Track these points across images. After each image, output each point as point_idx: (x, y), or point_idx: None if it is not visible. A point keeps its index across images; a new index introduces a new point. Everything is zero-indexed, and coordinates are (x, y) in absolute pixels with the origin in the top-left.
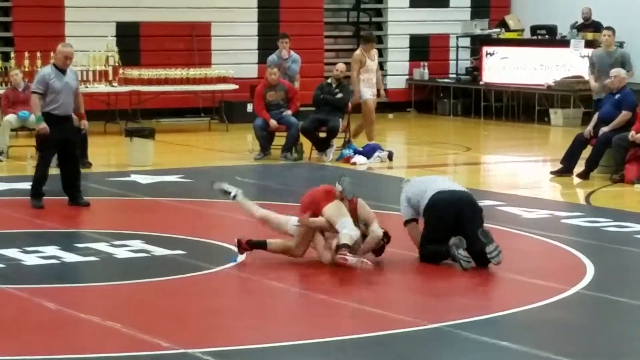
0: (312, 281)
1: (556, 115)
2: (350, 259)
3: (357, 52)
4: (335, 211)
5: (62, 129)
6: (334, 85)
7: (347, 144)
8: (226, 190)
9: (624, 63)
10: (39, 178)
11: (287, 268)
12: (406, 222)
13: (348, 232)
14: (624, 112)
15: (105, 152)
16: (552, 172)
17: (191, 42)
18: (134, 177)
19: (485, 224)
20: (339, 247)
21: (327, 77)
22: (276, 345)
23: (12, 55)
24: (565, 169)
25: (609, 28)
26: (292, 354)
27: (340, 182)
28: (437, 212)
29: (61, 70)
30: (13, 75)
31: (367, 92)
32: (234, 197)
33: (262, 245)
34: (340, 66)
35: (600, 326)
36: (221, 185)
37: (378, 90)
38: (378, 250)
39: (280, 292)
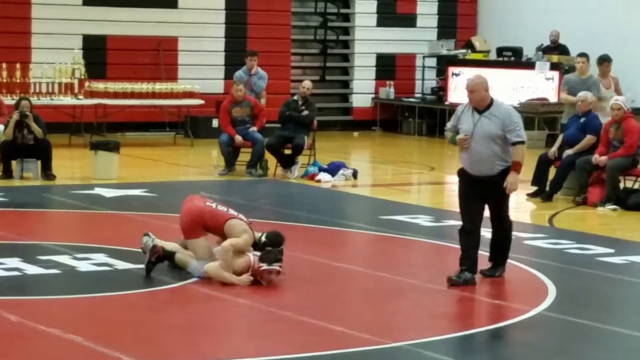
0: (275, 298)
1: None
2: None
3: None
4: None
5: None
6: (300, 102)
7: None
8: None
9: (592, 89)
10: None
11: (251, 285)
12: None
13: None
14: (588, 136)
15: (69, 165)
16: (528, 194)
17: (158, 56)
18: (98, 190)
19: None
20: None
21: (293, 94)
22: None
23: None
24: (540, 190)
25: (583, 55)
26: None
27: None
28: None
29: None
30: None
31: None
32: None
33: None
34: (307, 83)
35: (561, 347)
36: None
37: None
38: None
39: (244, 308)
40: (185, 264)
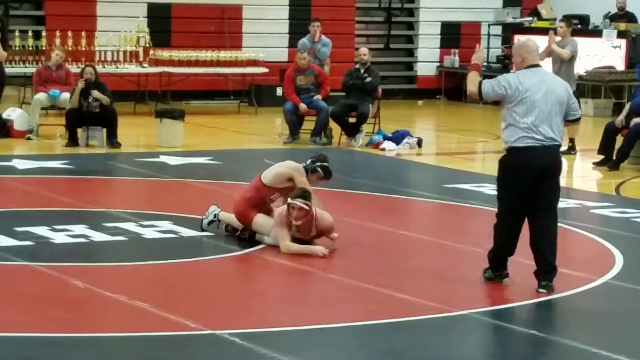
0: (339, 266)
1: (587, 105)
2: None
3: None
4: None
5: None
6: (362, 71)
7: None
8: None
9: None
10: None
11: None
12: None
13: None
14: None
15: (134, 133)
16: (595, 163)
17: (222, 24)
18: (163, 158)
19: None
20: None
21: (357, 63)
22: (304, 329)
23: (44, 34)
24: (607, 159)
25: (562, 19)
26: (320, 337)
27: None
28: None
29: None
30: (58, 54)
31: None
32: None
33: None
34: (363, 50)
35: (628, 317)
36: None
37: None
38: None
39: (308, 275)
40: (264, 240)
